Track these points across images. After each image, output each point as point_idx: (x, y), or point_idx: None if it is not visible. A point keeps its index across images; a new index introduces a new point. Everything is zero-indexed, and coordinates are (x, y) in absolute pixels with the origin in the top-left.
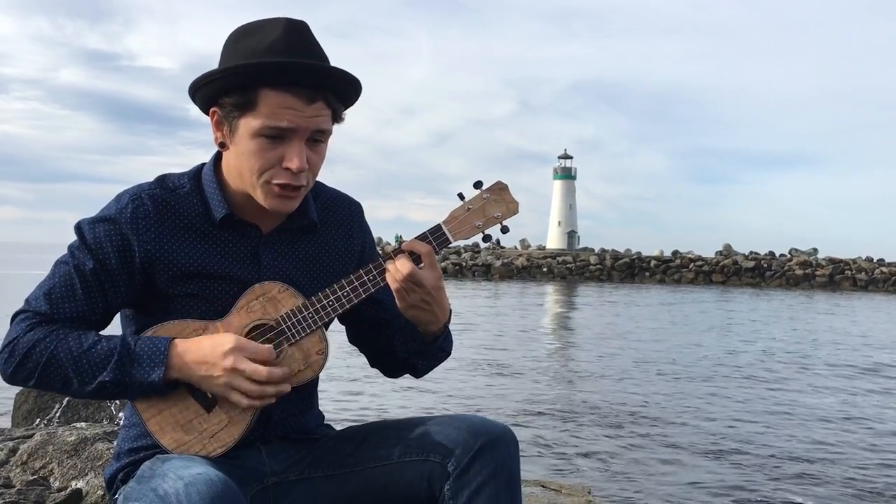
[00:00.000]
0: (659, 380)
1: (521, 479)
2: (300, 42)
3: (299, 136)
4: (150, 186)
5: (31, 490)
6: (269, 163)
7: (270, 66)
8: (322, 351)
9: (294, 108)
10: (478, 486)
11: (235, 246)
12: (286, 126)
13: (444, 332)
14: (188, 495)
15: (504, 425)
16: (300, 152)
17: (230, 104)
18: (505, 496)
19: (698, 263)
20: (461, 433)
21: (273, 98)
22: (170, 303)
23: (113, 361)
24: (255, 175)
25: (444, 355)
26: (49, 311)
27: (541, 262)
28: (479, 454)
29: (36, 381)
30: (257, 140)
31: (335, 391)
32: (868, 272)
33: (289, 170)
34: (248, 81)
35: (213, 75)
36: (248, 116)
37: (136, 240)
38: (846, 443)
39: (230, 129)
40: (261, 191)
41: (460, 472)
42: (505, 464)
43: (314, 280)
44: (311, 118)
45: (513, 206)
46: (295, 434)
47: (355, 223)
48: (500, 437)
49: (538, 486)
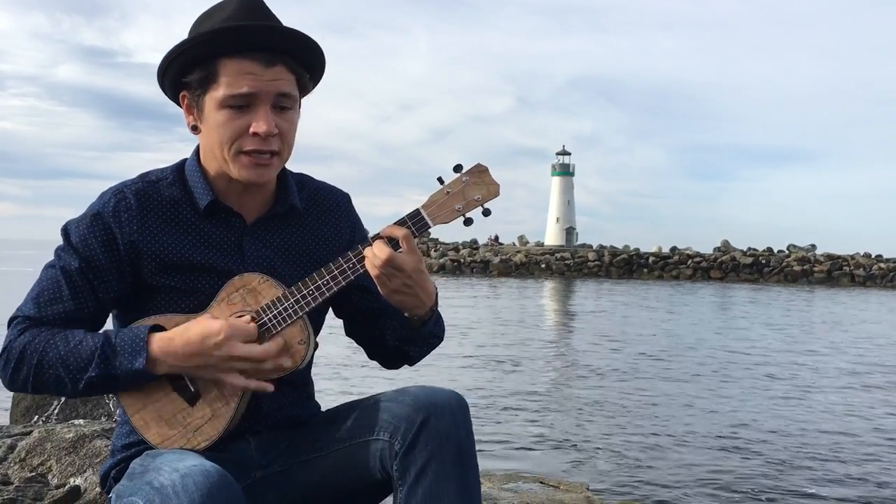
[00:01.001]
0: (659, 375)
1: (473, 447)
2: (254, 11)
3: (263, 101)
4: (132, 182)
5: (30, 487)
6: (237, 131)
7: (222, 33)
8: (304, 341)
9: (253, 72)
10: (423, 464)
11: (219, 237)
12: (247, 91)
13: (433, 315)
14: (185, 486)
15: (449, 392)
16: (266, 116)
17: (194, 82)
18: (453, 470)
19: (696, 260)
20: (404, 408)
21: (232, 66)
22: (154, 297)
23: (97, 356)
24: (226, 147)
25: (435, 340)
26: (37, 314)
27: (539, 259)
28: (423, 428)
29: (33, 385)
30: (223, 112)
31: (337, 389)
32: (866, 268)
33: (257, 135)
34: (205, 53)
35: (171, 53)
36: (211, 90)
37: (119, 232)
38: (855, 437)
39: (198, 109)
40: (233, 164)
41: (406, 450)
42: (451, 435)
43: (299, 269)
44: (272, 81)
45: (493, 188)
46: (285, 424)
47: (343, 212)
48: (444, 407)
49: (537, 482)
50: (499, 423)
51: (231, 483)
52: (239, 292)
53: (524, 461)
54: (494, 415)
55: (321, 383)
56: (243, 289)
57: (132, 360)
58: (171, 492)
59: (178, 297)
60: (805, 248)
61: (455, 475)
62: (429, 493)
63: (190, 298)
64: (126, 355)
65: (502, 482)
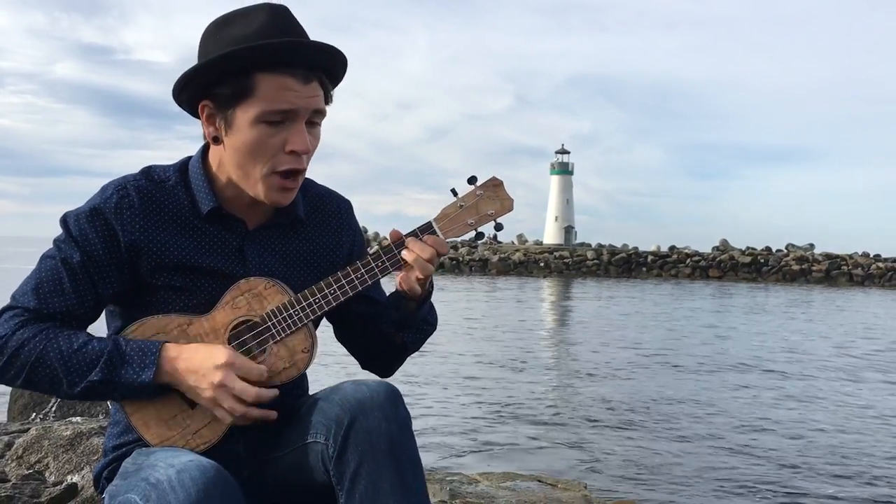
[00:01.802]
0: (659, 374)
1: (409, 439)
2: (286, 24)
3: (300, 118)
4: (135, 178)
5: (27, 484)
6: (272, 150)
7: (269, 48)
8: (308, 349)
9: (293, 89)
10: (356, 467)
11: (220, 240)
12: (287, 108)
13: (426, 299)
14: (181, 481)
15: (377, 384)
16: (303, 133)
17: (224, 95)
18: (387, 469)
19: (695, 259)
20: (334, 407)
21: (271, 81)
22: (153, 296)
23: (102, 361)
24: (260, 166)
25: (429, 328)
26: (37, 306)
27: (538, 258)
28: (351, 429)
29: (23, 381)
30: (258, 127)
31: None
32: (864, 267)
33: (293, 153)
34: (242, 67)
35: (204, 66)
36: (245, 105)
37: (120, 229)
38: (867, 435)
39: (225, 121)
40: (262, 184)
41: (338, 454)
42: (381, 433)
43: (300, 277)
44: (310, 98)
45: (507, 203)
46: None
47: (344, 221)
48: (370, 404)
49: (534, 481)
50: (497, 422)
51: (228, 478)
52: (245, 296)
53: (522, 460)
54: (492, 414)
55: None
56: (249, 293)
57: (139, 372)
58: (168, 487)
59: (178, 297)
60: (803, 247)
61: (390, 474)
62: (366, 496)
63: (190, 298)
64: (134, 366)
65: (500, 481)
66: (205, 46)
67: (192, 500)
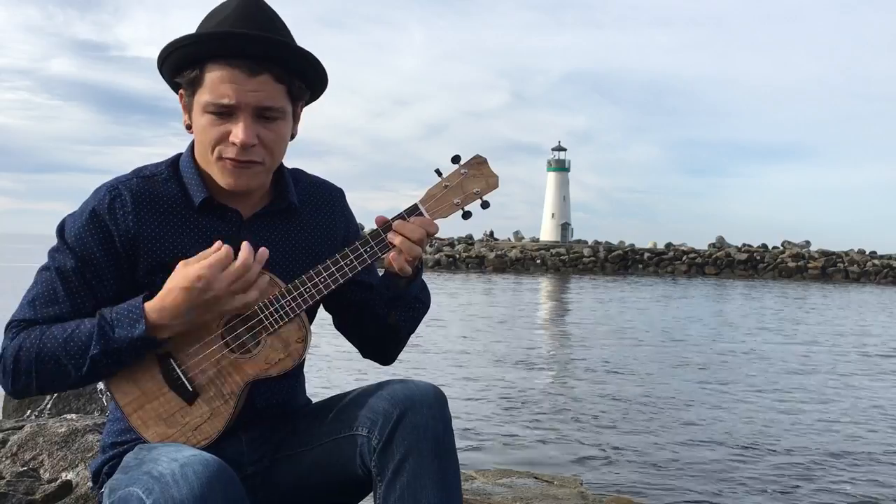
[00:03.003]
0: (657, 371)
1: (452, 440)
2: (250, 15)
3: (243, 112)
4: (126, 178)
5: (21, 481)
6: (218, 138)
7: (206, 38)
8: (302, 339)
9: (235, 81)
10: (401, 459)
11: (216, 231)
12: (226, 102)
13: (417, 276)
14: (184, 475)
15: (427, 385)
16: (245, 127)
17: (185, 83)
18: (431, 464)
19: (691, 256)
20: (382, 402)
21: (215, 72)
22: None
23: (95, 333)
24: (209, 150)
25: (421, 307)
26: (33, 317)
27: (534, 255)
28: (400, 423)
29: (37, 383)
30: (206, 116)
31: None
32: (860, 265)
33: (235, 144)
34: (193, 55)
35: (163, 52)
36: (198, 93)
37: (115, 229)
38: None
39: (189, 108)
40: (216, 167)
41: (383, 445)
42: (428, 429)
43: (296, 265)
44: (254, 92)
45: (492, 180)
46: (277, 419)
47: (337, 207)
48: (420, 401)
49: (530, 478)
50: (493, 419)
51: (230, 473)
52: None
53: (518, 456)
54: (489, 410)
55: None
56: None
57: (132, 329)
58: (171, 480)
59: None
60: (799, 244)
61: (433, 469)
62: (407, 487)
63: None
64: (124, 325)
65: (496, 477)
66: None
67: (194, 493)
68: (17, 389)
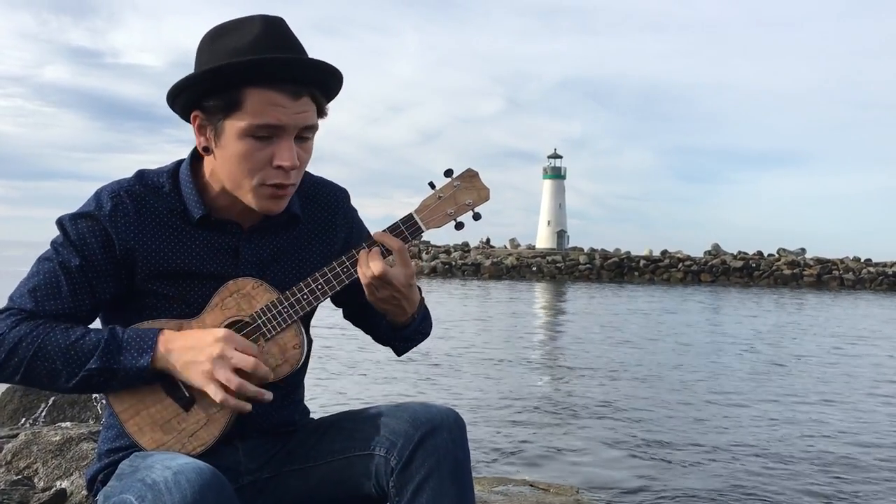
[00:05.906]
0: (654, 378)
1: (469, 464)
2: (280, 37)
3: (288, 134)
4: (129, 183)
5: (15, 490)
6: (260, 163)
7: (254, 63)
8: (298, 345)
9: (281, 104)
10: (421, 481)
11: (215, 243)
12: (274, 124)
13: (413, 321)
14: (177, 483)
15: (447, 409)
16: (290, 149)
17: (214, 106)
18: (450, 487)
19: (687, 263)
20: (402, 424)
21: (258, 96)
22: (146, 301)
23: (100, 349)
24: (248, 178)
25: (420, 337)
26: (34, 308)
27: (530, 262)
28: (420, 445)
29: (22, 376)
30: (245, 140)
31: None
32: (855, 272)
33: (280, 168)
34: (231, 81)
35: (194, 78)
36: (234, 118)
37: (116, 236)
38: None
39: (215, 132)
40: (252, 194)
41: (402, 466)
42: (449, 452)
43: (294, 272)
44: (298, 114)
45: (484, 192)
46: (274, 429)
47: (339, 211)
48: (441, 424)
49: (526, 486)
50: (489, 426)
51: (223, 482)
52: (233, 297)
53: (514, 464)
54: (486, 417)
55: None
56: (237, 293)
57: (137, 358)
58: (164, 488)
59: (170, 304)
60: (795, 251)
61: (452, 492)
62: None
63: (182, 306)
64: (132, 351)
65: (492, 485)
66: (200, 57)
67: (186, 501)
68: (1, 376)
